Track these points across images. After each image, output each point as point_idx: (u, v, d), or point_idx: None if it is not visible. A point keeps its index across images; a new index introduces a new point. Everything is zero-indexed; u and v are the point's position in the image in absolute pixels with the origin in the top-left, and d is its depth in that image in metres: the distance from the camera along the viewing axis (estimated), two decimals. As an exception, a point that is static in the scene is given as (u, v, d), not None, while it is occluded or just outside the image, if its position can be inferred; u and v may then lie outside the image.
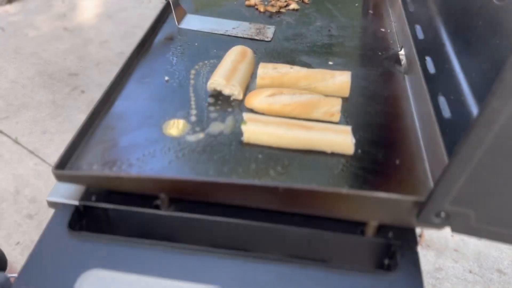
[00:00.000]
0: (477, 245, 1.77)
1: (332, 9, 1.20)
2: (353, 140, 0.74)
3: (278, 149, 0.75)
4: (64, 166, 0.69)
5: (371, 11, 1.21)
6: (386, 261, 0.66)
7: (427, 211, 0.59)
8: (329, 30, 1.10)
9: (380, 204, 0.61)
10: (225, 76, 0.86)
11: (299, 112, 0.82)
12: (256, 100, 0.84)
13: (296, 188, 0.61)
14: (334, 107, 0.82)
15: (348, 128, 0.75)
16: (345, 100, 0.87)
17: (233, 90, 0.86)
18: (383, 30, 1.12)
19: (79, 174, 0.66)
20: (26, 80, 2.73)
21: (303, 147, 0.75)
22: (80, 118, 2.43)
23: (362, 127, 0.81)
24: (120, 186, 0.65)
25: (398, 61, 0.99)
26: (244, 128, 0.76)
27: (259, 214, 0.68)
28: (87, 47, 3.06)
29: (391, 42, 1.07)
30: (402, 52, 0.99)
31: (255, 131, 0.75)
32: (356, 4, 1.24)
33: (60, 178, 0.67)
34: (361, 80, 0.93)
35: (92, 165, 0.70)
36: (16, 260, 1.69)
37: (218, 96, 0.86)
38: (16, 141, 2.37)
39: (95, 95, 2.66)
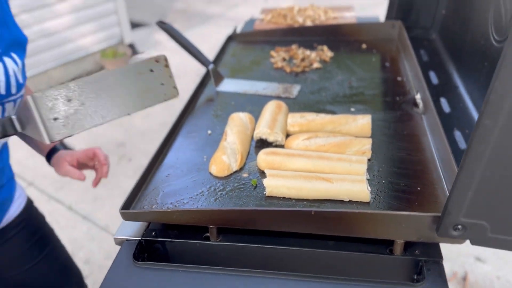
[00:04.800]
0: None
1: (351, 65, 1.34)
2: (369, 188, 0.80)
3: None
4: (128, 207, 0.82)
5: (387, 64, 1.34)
6: (415, 277, 0.72)
7: (445, 225, 0.66)
8: (349, 83, 1.23)
9: (402, 221, 0.69)
10: (268, 126, 0.98)
11: (333, 151, 0.92)
12: (294, 143, 0.95)
13: (327, 211, 0.71)
14: (365, 146, 0.92)
15: (363, 178, 0.81)
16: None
17: (277, 137, 0.98)
18: (399, 78, 1.24)
19: (141, 211, 0.79)
20: (79, 152, 2.98)
21: (322, 197, 0.81)
22: (128, 183, 2.61)
23: (385, 160, 0.90)
24: (176, 219, 0.77)
25: (415, 103, 1.10)
26: (266, 182, 0.82)
27: (299, 241, 0.77)
28: (132, 119, 3.34)
29: (408, 88, 1.18)
30: (418, 96, 1.10)
31: (276, 185, 0.82)
32: (373, 59, 1.37)
33: (125, 216, 0.79)
34: (382, 122, 1.04)
35: (152, 205, 0.83)
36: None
37: (263, 142, 0.99)
38: (70, 208, 2.57)
39: (141, 162, 2.87)
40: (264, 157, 0.90)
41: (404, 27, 1.42)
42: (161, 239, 0.80)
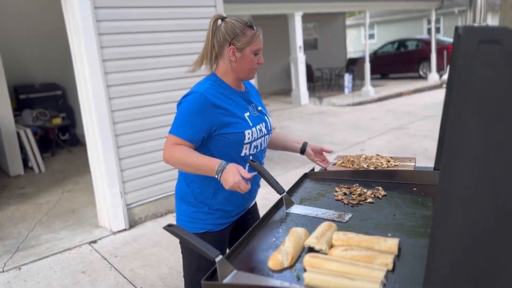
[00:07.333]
0: None
1: (400, 202, 1.63)
2: (381, 287, 1.07)
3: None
4: (209, 280, 1.17)
5: (430, 204, 1.60)
6: None
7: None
8: (393, 215, 1.52)
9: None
10: (316, 237, 1.31)
11: (362, 261, 1.20)
12: (334, 252, 1.26)
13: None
14: (388, 260, 1.19)
15: (378, 280, 1.07)
16: (396, 257, 1.23)
17: (322, 246, 1.30)
18: (437, 215, 1.49)
19: (214, 283, 1.14)
20: None
21: None
22: None
23: (404, 273, 1.15)
24: (237, 291, 1.10)
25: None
26: (305, 275, 1.14)
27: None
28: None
29: (442, 223, 1.43)
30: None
31: (312, 277, 1.12)
32: (420, 200, 1.65)
33: (205, 285, 1.14)
34: (410, 246, 1.29)
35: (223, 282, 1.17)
36: None
37: (311, 249, 1.31)
38: None
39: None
40: (307, 259, 1.21)
41: (449, 175, 1.70)
42: (226, 307, 1.13)
